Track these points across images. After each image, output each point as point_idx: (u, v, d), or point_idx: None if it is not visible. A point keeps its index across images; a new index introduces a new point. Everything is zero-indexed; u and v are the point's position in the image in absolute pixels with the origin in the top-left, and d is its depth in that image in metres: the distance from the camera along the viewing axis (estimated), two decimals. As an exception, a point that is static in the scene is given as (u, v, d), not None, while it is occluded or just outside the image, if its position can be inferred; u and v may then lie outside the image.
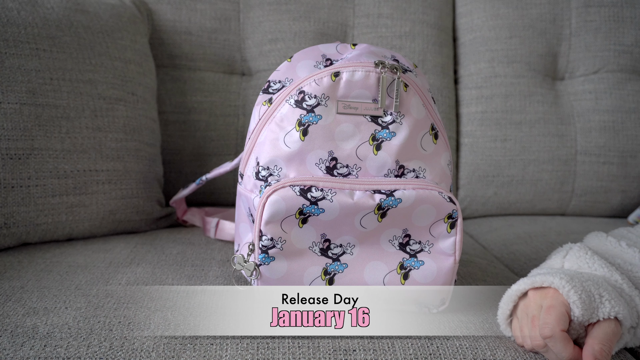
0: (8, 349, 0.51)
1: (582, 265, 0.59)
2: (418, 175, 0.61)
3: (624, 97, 1.16)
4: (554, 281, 0.54)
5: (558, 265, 0.61)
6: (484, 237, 1.06)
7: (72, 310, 0.58)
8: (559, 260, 0.62)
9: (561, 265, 0.61)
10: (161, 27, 1.08)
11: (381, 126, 0.60)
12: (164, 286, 0.65)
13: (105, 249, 0.79)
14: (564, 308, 0.53)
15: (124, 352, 0.52)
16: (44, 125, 0.79)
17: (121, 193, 0.87)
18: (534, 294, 0.56)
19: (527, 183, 1.15)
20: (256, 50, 1.11)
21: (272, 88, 0.65)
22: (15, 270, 0.69)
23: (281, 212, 0.57)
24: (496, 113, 1.15)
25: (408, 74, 0.61)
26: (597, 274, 0.58)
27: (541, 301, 0.55)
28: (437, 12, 1.17)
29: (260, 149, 0.62)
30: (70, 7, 0.87)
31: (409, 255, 0.61)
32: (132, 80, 0.91)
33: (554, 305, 0.53)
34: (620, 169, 1.16)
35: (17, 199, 0.76)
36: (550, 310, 0.53)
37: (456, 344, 0.56)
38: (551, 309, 0.53)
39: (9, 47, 0.78)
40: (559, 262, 0.62)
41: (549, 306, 0.53)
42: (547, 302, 0.54)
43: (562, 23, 1.18)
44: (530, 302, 0.56)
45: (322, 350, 0.53)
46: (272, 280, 0.60)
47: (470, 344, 0.56)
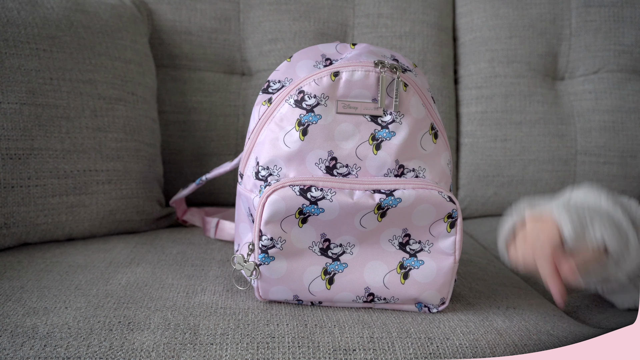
0: (8, 349, 0.51)
1: (589, 196, 0.63)
2: (418, 174, 0.61)
3: (624, 97, 1.16)
4: (552, 209, 0.60)
5: (566, 198, 0.65)
6: (484, 237, 1.06)
7: (72, 310, 0.58)
8: (566, 194, 0.66)
9: (569, 198, 0.65)
10: (161, 27, 1.08)
11: (381, 126, 0.60)
12: (164, 286, 0.65)
13: (105, 249, 0.79)
14: (555, 229, 0.58)
15: (124, 352, 0.52)
16: (44, 125, 0.79)
17: (121, 193, 0.87)
18: (531, 223, 0.61)
19: (527, 183, 1.15)
20: (256, 50, 1.11)
21: (272, 88, 0.65)
22: (15, 270, 0.69)
23: (281, 211, 0.57)
24: (496, 113, 1.15)
25: (408, 74, 0.61)
26: (601, 206, 0.61)
27: (537, 230, 0.60)
28: (437, 12, 1.17)
29: (260, 148, 0.62)
30: (70, 7, 0.87)
31: (409, 255, 0.61)
32: (132, 80, 0.91)
33: (546, 226, 0.59)
34: (620, 169, 1.16)
35: (17, 199, 0.76)
36: (544, 228, 0.59)
37: (456, 343, 0.56)
38: (544, 228, 0.59)
39: (9, 47, 0.78)
40: (567, 195, 0.65)
41: (542, 227, 0.59)
42: (542, 225, 0.60)
43: (562, 23, 1.18)
44: (528, 228, 0.62)
45: (322, 350, 0.53)
46: (272, 280, 0.60)
47: (470, 343, 0.56)
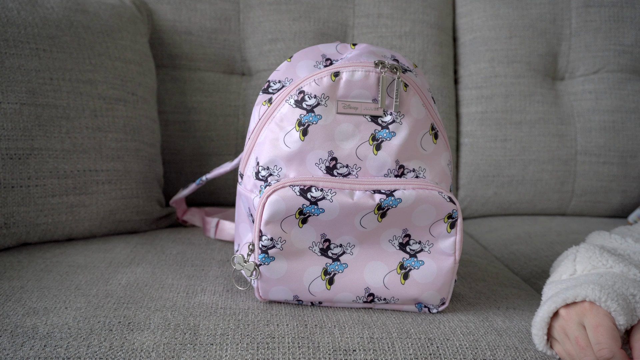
0: (8, 349, 0.51)
1: (597, 265, 0.57)
2: (418, 175, 0.61)
3: (624, 97, 1.16)
4: (587, 294, 0.51)
5: (570, 271, 0.59)
6: (484, 237, 1.06)
7: (72, 310, 0.58)
8: (569, 264, 0.59)
9: (574, 270, 0.58)
10: (161, 27, 1.08)
11: (381, 126, 0.60)
12: (164, 286, 0.65)
13: (105, 249, 0.79)
14: (610, 322, 0.50)
15: (124, 352, 0.52)
16: (44, 125, 0.79)
17: (121, 193, 0.87)
18: (567, 312, 0.53)
19: (527, 183, 1.15)
20: (256, 50, 1.11)
21: (272, 88, 0.65)
22: (15, 270, 0.69)
23: (281, 212, 0.57)
24: (496, 113, 1.15)
25: (408, 74, 0.61)
26: (614, 271, 0.55)
27: (579, 318, 0.52)
28: (437, 12, 1.17)
29: (260, 149, 0.62)
30: (70, 7, 0.87)
31: (409, 255, 0.61)
32: (132, 80, 0.91)
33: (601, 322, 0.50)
34: (620, 169, 1.16)
35: (17, 199, 0.76)
36: (599, 329, 0.49)
37: (456, 344, 0.56)
38: (599, 327, 0.49)
39: (9, 47, 0.78)
40: (570, 266, 0.59)
41: (595, 325, 0.50)
42: (589, 319, 0.51)
43: (562, 23, 1.18)
44: (566, 322, 0.52)
45: (322, 350, 0.53)
46: (272, 280, 0.60)
47: (470, 344, 0.56)
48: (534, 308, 0.66)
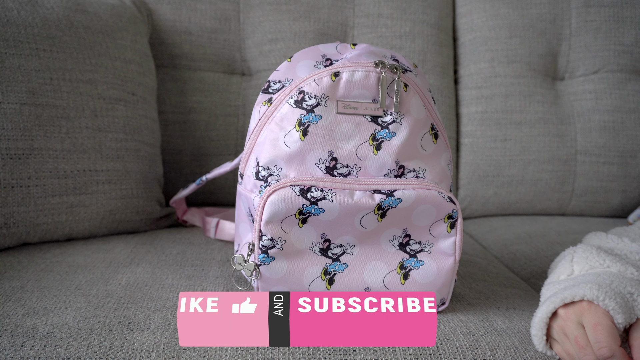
0: (8, 349, 0.51)
1: (594, 265, 0.57)
2: (418, 175, 0.61)
3: (624, 97, 1.17)
4: (585, 293, 0.51)
5: (568, 271, 0.59)
6: (484, 237, 1.06)
7: (72, 310, 0.58)
8: (567, 265, 0.59)
9: (571, 270, 0.59)
10: (161, 27, 1.08)
11: (381, 126, 0.60)
12: (164, 286, 0.65)
13: (105, 249, 0.79)
14: (609, 320, 0.50)
15: (124, 352, 0.52)
16: (44, 125, 0.79)
17: (121, 193, 0.87)
18: (565, 312, 0.53)
19: (527, 183, 1.15)
20: (256, 50, 1.11)
21: (272, 88, 0.65)
22: (15, 270, 0.69)
23: (281, 212, 0.57)
24: (496, 113, 1.16)
25: (408, 74, 0.61)
26: (612, 271, 0.56)
27: (577, 317, 0.52)
28: (437, 12, 1.17)
29: (260, 149, 0.62)
30: (70, 7, 0.87)
31: (409, 255, 0.61)
32: (132, 80, 0.91)
33: (599, 321, 0.50)
34: (620, 169, 1.16)
35: (17, 199, 0.76)
36: (598, 328, 0.50)
37: (456, 344, 0.56)
38: (598, 326, 0.50)
39: (9, 47, 0.78)
40: (568, 267, 0.59)
41: (594, 324, 0.50)
42: (588, 318, 0.51)
43: (562, 23, 1.18)
44: (564, 321, 0.53)
45: (322, 350, 0.53)
46: (272, 280, 0.60)
47: (470, 344, 0.56)
48: (534, 308, 0.66)
